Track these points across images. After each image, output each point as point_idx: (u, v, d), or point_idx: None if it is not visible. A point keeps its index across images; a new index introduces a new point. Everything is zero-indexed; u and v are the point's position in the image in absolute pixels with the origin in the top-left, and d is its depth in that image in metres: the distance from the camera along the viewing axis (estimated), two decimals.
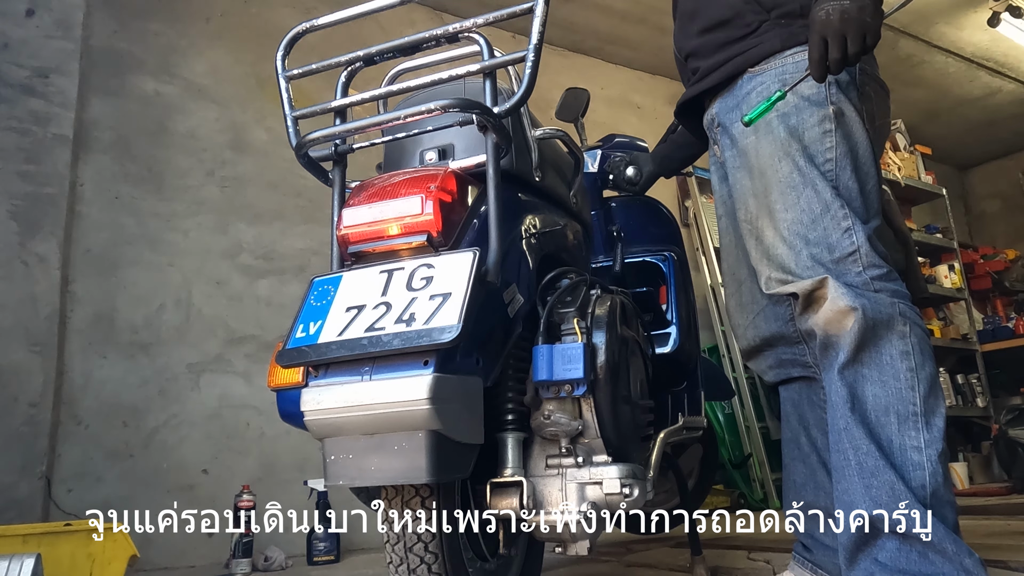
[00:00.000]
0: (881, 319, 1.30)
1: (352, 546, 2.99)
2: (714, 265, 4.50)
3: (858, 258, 1.35)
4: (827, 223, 1.36)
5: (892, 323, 1.30)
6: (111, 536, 1.99)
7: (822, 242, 1.36)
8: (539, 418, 1.35)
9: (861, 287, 1.32)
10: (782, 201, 1.41)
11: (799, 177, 1.39)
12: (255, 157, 3.32)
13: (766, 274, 1.45)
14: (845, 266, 1.34)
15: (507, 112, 1.28)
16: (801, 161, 1.39)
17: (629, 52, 4.73)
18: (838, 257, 1.35)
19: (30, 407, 2.56)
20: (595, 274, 1.88)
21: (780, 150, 1.42)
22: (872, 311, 1.29)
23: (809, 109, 1.41)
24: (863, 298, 1.30)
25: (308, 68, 1.40)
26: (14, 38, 2.79)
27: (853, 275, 1.33)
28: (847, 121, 1.41)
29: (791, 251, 1.39)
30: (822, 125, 1.40)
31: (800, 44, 1.42)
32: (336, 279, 1.26)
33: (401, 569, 1.22)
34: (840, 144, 1.39)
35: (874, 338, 1.30)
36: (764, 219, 1.45)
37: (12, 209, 2.66)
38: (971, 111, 5.89)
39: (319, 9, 3.55)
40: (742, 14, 1.49)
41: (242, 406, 3.04)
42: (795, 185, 1.40)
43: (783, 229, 1.41)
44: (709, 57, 1.55)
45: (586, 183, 2.00)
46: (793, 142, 1.41)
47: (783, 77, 1.43)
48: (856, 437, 1.27)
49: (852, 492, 1.27)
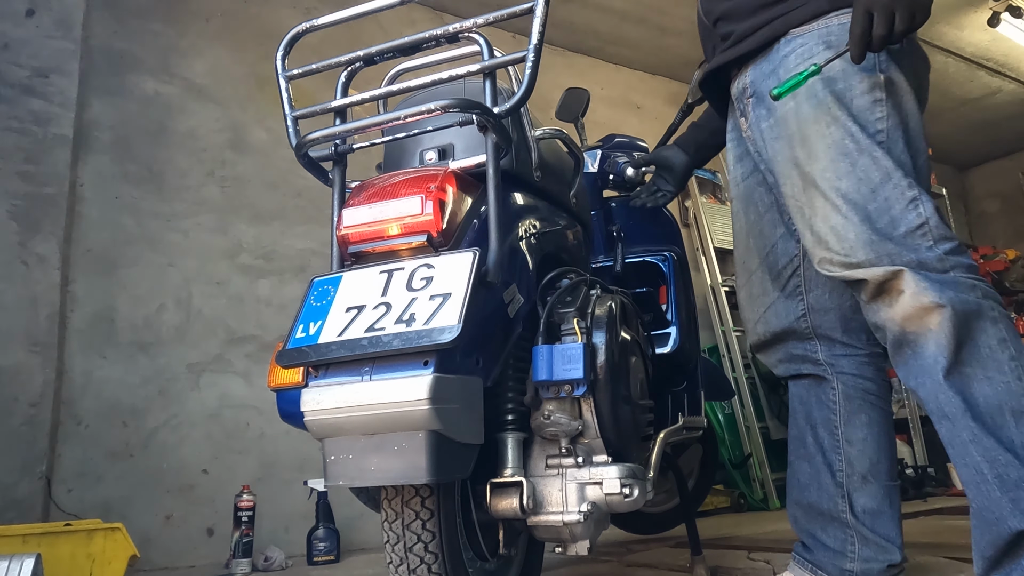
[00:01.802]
0: (971, 310, 1.15)
1: (352, 546, 2.99)
2: (714, 265, 4.50)
3: (928, 231, 1.20)
4: (889, 193, 1.22)
5: (982, 311, 1.16)
6: (111, 536, 1.99)
7: (885, 214, 1.22)
8: (539, 418, 1.35)
9: (937, 267, 1.18)
10: (834, 169, 1.27)
11: (852, 143, 1.25)
12: (255, 157, 3.32)
13: (820, 254, 1.30)
14: (914, 241, 1.20)
15: (507, 112, 1.28)
16: (853, 126, 1.26)
17: (629, 52, 4.73)
18: (904, 231, 1.20)
19: (30, 407, 2.56)
20: (595, 274, 1.89)
21: (827, 115, 1.28)
22: (960, 304, 1.15)
23: (857, 75, 1.27)
24: (948, 290, 1.16)
25: (308, 68, 1.40)
26: (14, 38, 2.79)
27: (924, 250, 1.19)
28: (898, 91, 1.28)
29: (849, 224, 1.24)
30: (872, 93, 1.27)
31: (848, 6, 1.28)
32: (336, 279, 1.26)
33: (401, 569, 1.22)
34: (892, 115, 1.26)
35: (969, 333, 1.15)
36: (813, 191, 1.30)
37: (12, 209, 2.66)
38: (971, 111, 5.89)
39: (319, 9, 3.55)
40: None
41: (242, 406, 3.04)
42: (848, 152, 1.26)
43: (838, 200, 1.25)
44: (745, 20, 1.41)
45: (586, 183, 2.00)
46: (840, 107, 1.27)
47: (827, 39, 1.30)
48: (988, 448, 1.12)
49: (997, 508, 1.12)
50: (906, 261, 1.19)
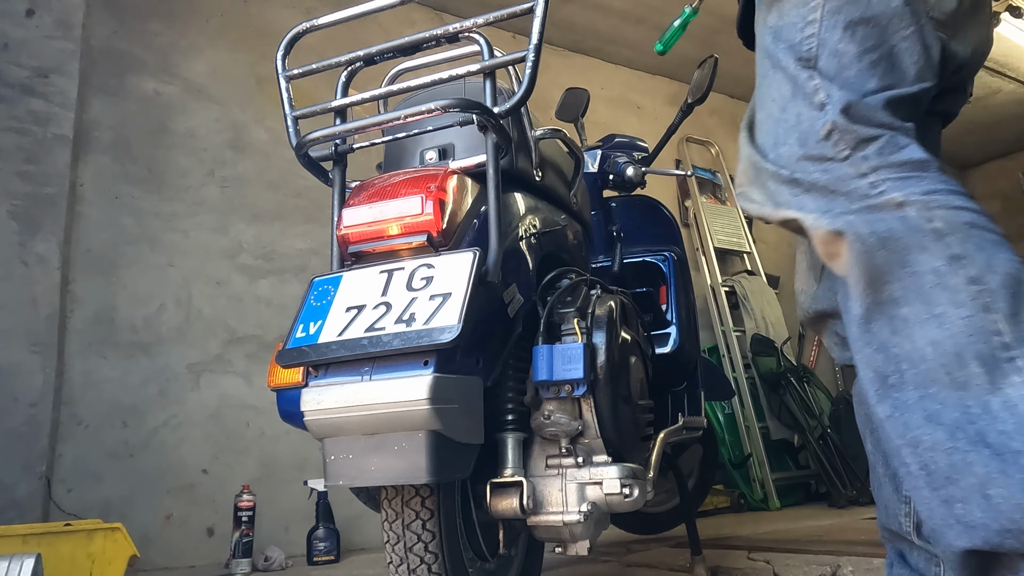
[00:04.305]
0: (891, 228, 0.85)
1: (352, 546, 2.99)
2: (714, 265, 4.50)
3: (837, 135, 0.92)
4: (798, 105, 0.97)
5: (915, 229, 0.85)
6: (111, 536, 1.99)
7: (792, 132, 0.97)
8: (539, 418, 1.35)
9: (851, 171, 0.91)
10: (759, 100, 1.07)
11: (769, 62, 1.04)
12: (255, 157, 3.32)
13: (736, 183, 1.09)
14: (824, 150, 0.93)
15: (507, 112, 1.28)
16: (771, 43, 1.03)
17: (629, 52, 4.73)
18: (815, 142, 0.94)
19: (30, 407, 2.56)
20: (595, 274, 1.89)
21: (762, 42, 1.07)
22: (867, 224, 0.87)
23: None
24: (852, 209, 0.89)
25: (308, 68, 1.40)
26: (14, 38, 2.79)
27: (839, 161, 0.93)
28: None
29: (759, 153, 1.02)
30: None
31: None
32: (336, 279, 1.26)
33: (401, 569, 1.22)
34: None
35: (896, 258, 0.85)
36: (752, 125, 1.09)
37: (12, 209, 2.66)
38: (971, 111, 5.84)
39: (319, 9, 3.55)
40: None
41: (242, 406, 3.04)
42: (765, 73, 1.04)
43: (757, 134, 1.05)
44: None
45: (586, 183, 2.00)
46: (771, 19, 1.04)
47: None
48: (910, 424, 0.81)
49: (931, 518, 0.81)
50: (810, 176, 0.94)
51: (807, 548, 2.14)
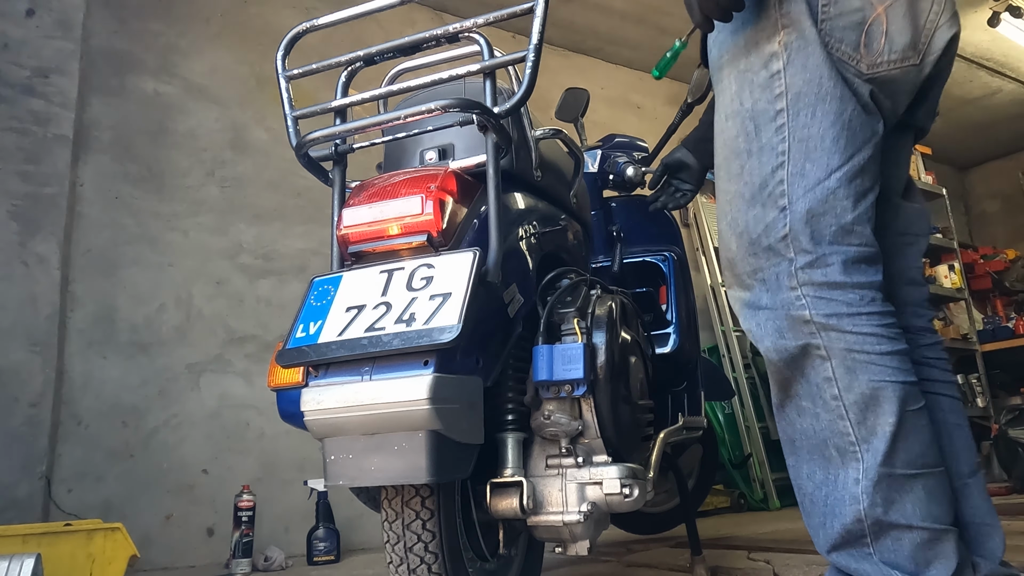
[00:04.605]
0: (792, 354, 1.13)
1: (352, 546, 2.99)
2: (714, 265, 4.50)
3: (788, 243, 1.12)
4: (764, 200, 1.14)
5: (807, 350, 1.12)
6: (111, 536, 1.99)
7: (760, 222, 1.14)
8: (539, 418, 1.35)
9: (788, 284, 1.12)
10: (729, 170, 1.20)
11: (744, 143, 1.16)
12: (255, 157, 3.32)
13: (722, 266, 1.27)
14: (780, 252, 1.13)
15: (507, 112, 1.28)
16: (749, 123, 1.16)
17: (629, 52, 4.73)
18: (773, 241, 1.13)
19: (30, 407, 2.56)
20: (595, 274, 1.89)
21: (728, 107, 1.19)
22: (778, 351, 1.14)
23: (757, 49, 1.15)
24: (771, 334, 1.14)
25: (308, 68, 1.40)
26: (14, 38, 2.79)
27: (785, 263, 1.12)
28: (798, 49, 1.12)
29: (733, 231, 1.19)
30: (769, 67, 1.14)
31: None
32: (336, 279, 1.26)
33: (401, 569, 1.22)
34: (793, 83, 1.12)
35: (799, 369, 1.13)
36: (718, 188, 1.24)
37: (12, 209, 2.66)
38: (971, 111, 5.89)
39: (319, 9, 3.55)
40: None
41: (242, 406, 3.04)
42: (740, 153, 1.17)
43: (729, 203, 1.19)
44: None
45: (586, 183, 2.00)
46: (740, 97, 1.17)
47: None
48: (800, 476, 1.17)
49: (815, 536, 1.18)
50: (770, 273, 1.14)
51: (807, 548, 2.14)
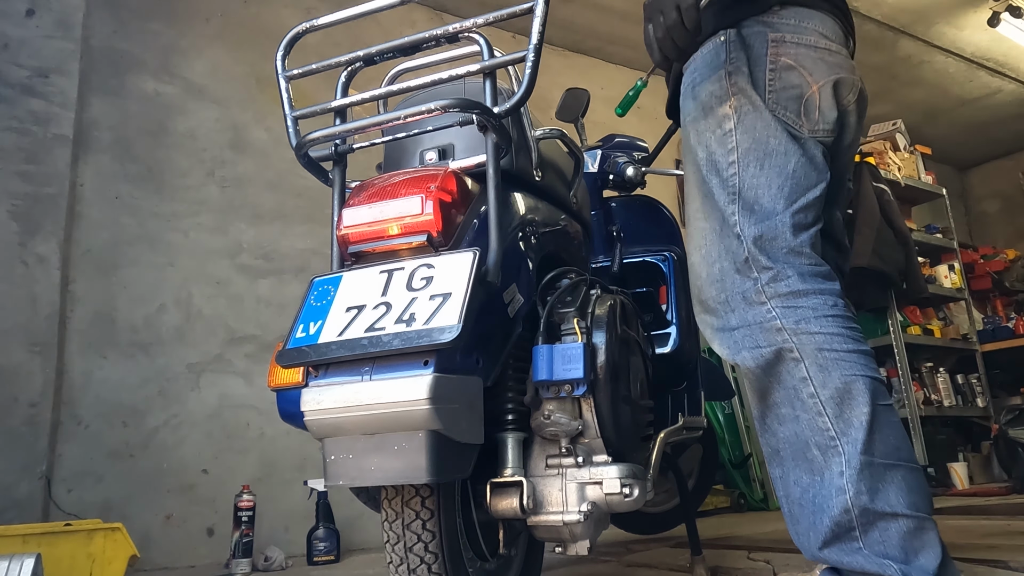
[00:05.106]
0: (767, 360, 1.23)
1: (352, 546, 2.99)
2: None
3: (750, 264, 1.27)
4: (727, 232, 1.30)
5: (781, 355, 1.22)
6: (111, 536, 1.99)
7: (727, 253, 1.30)
8: (539, 418, 1.35)
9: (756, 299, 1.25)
10: (701, 211, 1.37)
11: (706, 187, 1.35)
12: (255, 157, 3.32)
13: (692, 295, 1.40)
14: (745, 274, 1.28)
15: (507, 112, 1.28)
16: (706, 170, 1.35)
17: (629, 52, 4.73)
18: (739, 266, 1.28)
19: (30, 407, 2.56)
20: (595, 274, 1.88)
21: (692, 158, 1.39)
22: (753, 359, 1.25)
23: (712, 112, 1.35)
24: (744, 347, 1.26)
25: (308, 68, 1.40)
26: (14, 38, 2.79)
27: (750, 283, 1.27)
28: (747, 113, 1.31)
29: (704, 263, 1.34)
30: (722, 126, 1.33)
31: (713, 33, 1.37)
32: (336, 279, 1.26)
33: (401, 569, 1.22)
34: (742, 141, 1.31)
35: (775, 376, 1.24)
36: (688, 228, 1.42)
37: (12, 209, 2.66)
38: (971, 111, 5.89)
39: (319, 9, 3.55)
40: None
41: (242, 406, 3.04)
42: (706, 195, 1.35)
43: (700, 239, 1.36)
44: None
45: (586, 183, 2.00)
46: (700, 149, 1.36)
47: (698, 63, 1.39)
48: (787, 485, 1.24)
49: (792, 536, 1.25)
50: (735, 296, 1.28)
51: None
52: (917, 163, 5.44)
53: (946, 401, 4.90)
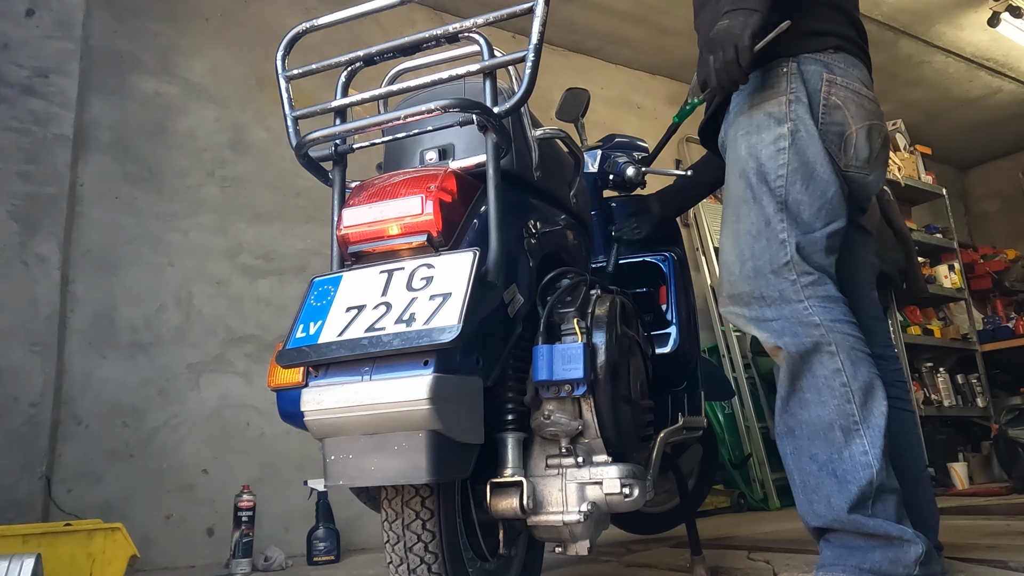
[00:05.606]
0: (806, 348, 1.40)
1: (352, 546, 2.99)
2: (714, 265, 4.50)
3: (791, 267, 1.44)
4: (768, 235, 1.47)
5: (819, 347, 1.39)
6: (111, 536, 1.99)
7: (764, 253, 1.47)
8: (539, 418, 1.35)
9: (793, 297, 1.43)
10: (736, 214, 1.53)
11: (750, 193, 1.51)
12: (255, 157, 3.32)
13: (721, 290, 1.56)
14: (782, 275, 1.45)
15: (507, 112, 1.29)
16: (753, 178, 1.50)
17: (629, 52, 4.73)
18: (776, 267, 1.45)
19: (30, 407, 2.56)
20: (595, 274, 1.89)
21: (739, 167, 1.54)
22: (795, 345, 1.40)
23: (768, 129, 1.50)
24: (786, 334, 1.42)
25: (308, 68, 1.40)
26: (14, 38, 2.79)
27: (788, 283, 1.44)
28: (802, 138, 1.48)
29: (738, 260, 1.51)
30: (777, 143, 1.49)
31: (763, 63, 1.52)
32: (336, 279, 1.26)
33: (401, 569, 1.23)
34: (793, 160, 1.48)
35: (807, 365, 1.40)
36: (724, 230, 1.58)
37: (12, 209, 2.66)
38: (971, 111, 5.89)
39: (319, 9, 3.55)
40: None
41: (242, 406, 3.04)
42: (747, 200, 1.51)
43: (735, 239, 1.52)
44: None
45: (586, 183, 2.00)
46: (751, 160, 1.51)
47: (757, 85, 1.54)
48: (801, 460, 1.41)
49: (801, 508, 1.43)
50: (772, 292, 1.45)
51: (807, 548, 2.14)
52: (917, 163, 5.44)
53: (946, 401, 4.91)
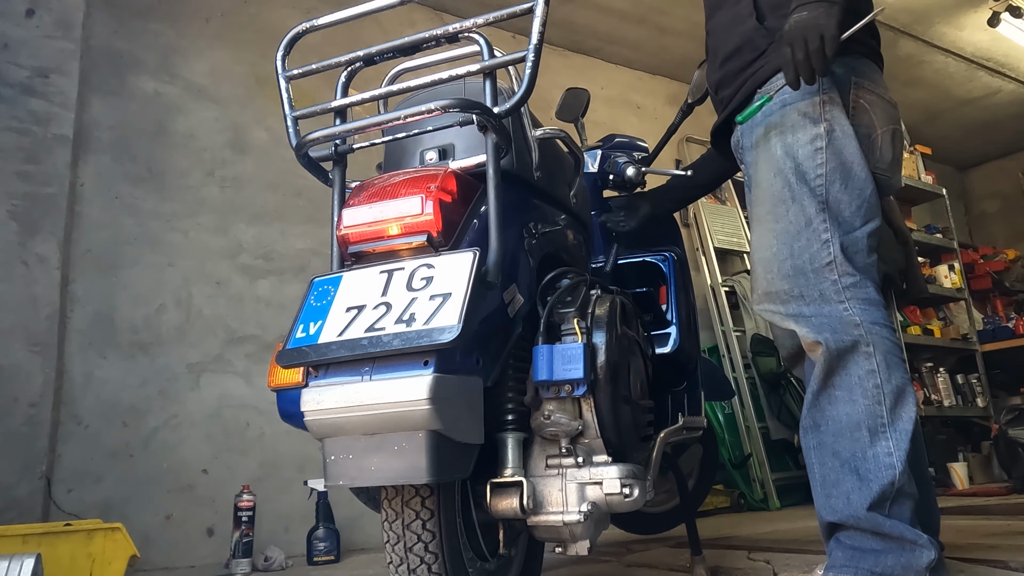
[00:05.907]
0: (845, 346, 1.39)
1: (352, 546, 2.99)
2: (714, 265, 4.50)
3: (834, 267, 1.44)
4: (809, 235, 1.46)
5: (856, 346, 1.39)
6: (111, 536, 1.99)
7: (804, 252, 1.46)
8: (539, 418, 1.35)
9: (835, 297, 1.42)
10: (773, 213, 1.52)
11: (788, 192, 1.49)
12: (255, 157, 3.32)
13: (756, 292, 1.55)
14: (823, 275, 1.44)
15: (507, 112, 1.28)
16: (792, 177, 1.49)
17: (629, 52, 4.73)
18: (817, 267, 1.44)
19: (30, 407, 2.56)
20: (595, 274, 1.89)
21: (775, 166, 1.52)
22: (835, 341, 1.39)
23: (804, 129, 1.49)
24: (826, 329, 1.41)
25: (308, 68, 1.40)
26: (14, 38, 2.79)
27: (829, 283, 1.43)
28: (838, 137, 1.48)
29: (776, 259, 1.50)
30: (814, 143, 1.48)
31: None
32: (336, 279, 1.26)
33: (401, 569, 1.22)
34: (831, 160, 1.47)
35: (843, 363, 1.40)
36: (759, 229, 1.56)
37: (12, 209, 2.66)
38: (971, 111, 5.89)
39: (319, 9, 3.54)
40: (752, 40, 1.60)
41: (242, 406, 3.04)
42: (785, 199, 1.50)
43: (772, 238, 1.51)
44: (730, 85, 1.66)
45: (586, 183, 2.00)
46: (787, 159, 1.50)
47: (785, 92, 1.52)
48: (823, 455, 1.42)
49: (818, 501, 1.43)
50: (811, 291, 1.45)
51: (807, 548, 2.14)
52: (917, 163, 5.44)
53: (946, 401, 4.91)
